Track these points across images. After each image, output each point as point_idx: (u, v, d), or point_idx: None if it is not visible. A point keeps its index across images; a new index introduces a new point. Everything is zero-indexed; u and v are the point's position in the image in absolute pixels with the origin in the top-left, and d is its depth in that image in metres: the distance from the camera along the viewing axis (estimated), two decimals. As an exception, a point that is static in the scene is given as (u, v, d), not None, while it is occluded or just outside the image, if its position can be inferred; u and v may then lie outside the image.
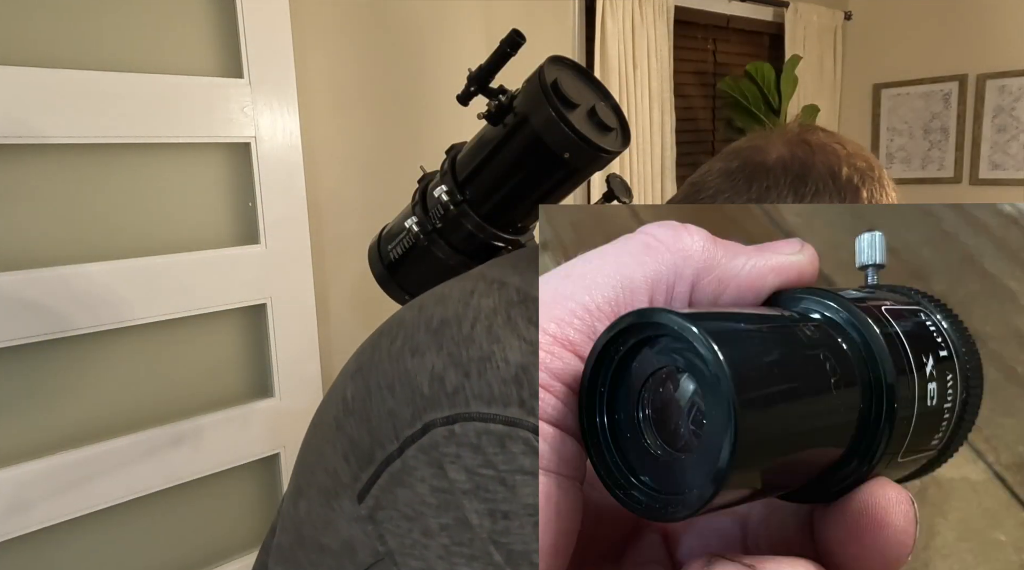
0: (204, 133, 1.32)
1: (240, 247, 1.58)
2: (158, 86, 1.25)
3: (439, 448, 0.51)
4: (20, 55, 1.13)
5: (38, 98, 1.11)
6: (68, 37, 1.18)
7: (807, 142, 0.61)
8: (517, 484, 0.49)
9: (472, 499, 0.50)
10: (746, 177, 0.62)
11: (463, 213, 1.07)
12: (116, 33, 1.23)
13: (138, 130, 1.23)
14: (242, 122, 1.47)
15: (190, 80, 1.30)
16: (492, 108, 1.01)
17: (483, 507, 0.49)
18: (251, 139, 1.51)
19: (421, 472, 0.51)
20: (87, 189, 1.22)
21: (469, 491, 0.50)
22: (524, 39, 1.00)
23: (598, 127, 0.99)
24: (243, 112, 1.47)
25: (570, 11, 2.20)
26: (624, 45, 2.26)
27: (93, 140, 1.19)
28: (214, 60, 1.37)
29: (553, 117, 0.96)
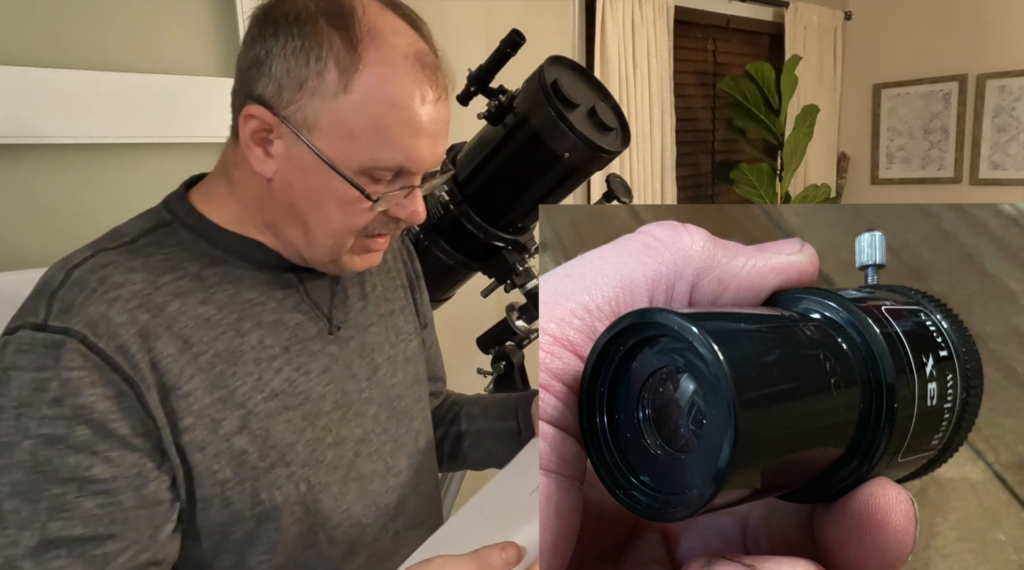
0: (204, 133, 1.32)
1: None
2: (158, 86, 1.25)
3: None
4: (20, 55, 1.13)
5: (38, 98, 1.11)
6: (68, 37, 1.18)
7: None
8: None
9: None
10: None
11: (463, 213, 1.07)
12: (116, 33, 1.24)
13: (138, 130, 1.23)
14: (242, 122, 1.46)
15: (190, 80, 1.30)
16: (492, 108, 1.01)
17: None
18: (251, 139, 1.50)
19: None
20: (87, 189, 1.22)
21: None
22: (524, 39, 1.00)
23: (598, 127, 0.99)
24: (243, 112, 1.46)
25: (570, 11, 2.21)
26: (624, 45, 2.26)
27: (93, 140, 1.19)
28: (214, 60, 1.37)
29: (553, 117, 0.96)
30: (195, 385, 0.61)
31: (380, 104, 0.61)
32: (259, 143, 0.64)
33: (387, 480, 0.74)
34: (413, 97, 0.62)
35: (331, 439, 0.69)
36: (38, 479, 0.56)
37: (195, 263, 0.65)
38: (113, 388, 0.57)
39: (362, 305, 0.77)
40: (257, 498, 0.64)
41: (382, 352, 0.77)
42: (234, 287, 0.66)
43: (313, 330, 0.70)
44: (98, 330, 0.57)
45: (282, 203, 0.66)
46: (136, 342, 0.59)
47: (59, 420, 0.56)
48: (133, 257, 0.63)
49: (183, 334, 0.62)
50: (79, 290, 0.59)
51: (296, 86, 0.61)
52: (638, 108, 2.34)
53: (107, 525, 0.57)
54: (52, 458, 0.56)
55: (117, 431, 0.58)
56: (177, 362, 0.60)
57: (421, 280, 0.89)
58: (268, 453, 0.64)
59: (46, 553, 0.55)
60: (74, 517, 0.56)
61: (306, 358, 0.69)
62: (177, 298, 0.62)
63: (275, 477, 0.64)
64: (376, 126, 0.61)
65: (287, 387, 0.66)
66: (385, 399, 0.76)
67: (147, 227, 0.66)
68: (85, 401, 0.56)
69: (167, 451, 0.60)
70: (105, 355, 0.57)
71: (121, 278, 0.61)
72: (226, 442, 0.62)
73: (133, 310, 0.60)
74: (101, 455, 0.57)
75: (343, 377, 0.71)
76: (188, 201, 0.68)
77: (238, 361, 0.64)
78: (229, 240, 0.67)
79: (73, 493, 0.56)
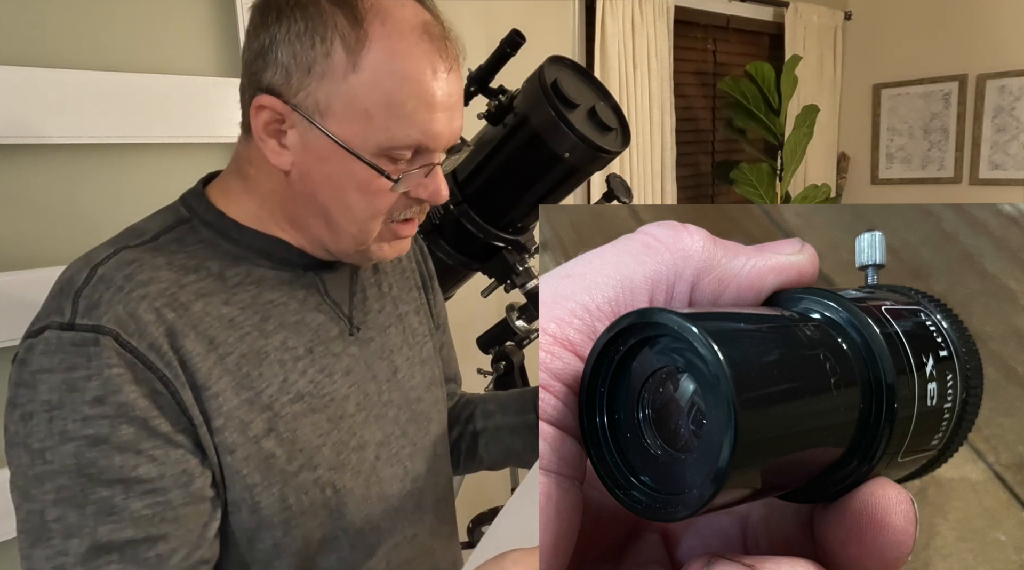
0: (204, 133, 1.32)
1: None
2: (158, 86, 1.25)
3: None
4: (20, 55, 1.13)
5: (38, 98, 1.11)
6: (68, 37, 1.18)
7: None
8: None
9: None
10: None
11: (463, 213, 1.07)
12: (116, 33, 1.24)
13: (138, 130, 1.23)
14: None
15: (190, 80, 1.30)
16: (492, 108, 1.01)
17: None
18: (251, 139, 1.50)
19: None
20: (87, 189, 1.22)
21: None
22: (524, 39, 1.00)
23: (598, 127, 0.99)
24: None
25: (570, 11, 2.21)
26: (624, 45, 2.26)
27: (93, 140, 1.19)
28: (214, 60, 1.37)
29: (553, 117, 0.96)
30: (223, 386, 0.60)
31: (391, 79, 0.59)
32: (272, 135, 0.62)
33: (405, 483, 0.73)
34: (424, 71, 0.60)
35: (355, 442, 0.68)
36: (84, 482, 0.54)
37: (216, 262, 0.64)
38: (148, 386, 0.56)
39: (380, 306, 0.76)
40: (285, 503, 0.63)
41: (401, 353, 0.76)
42: (256, 287, 0.65)
43: (335, 331, 0.69)
44: (128, 328, 0.56)
45: (302, 195, 0.64)
46: (165, 341, 0.57)
47: (102, 420, 0.54)
48: (157, 255, 0.61)
49: (208, 334, 0.60)
50: (105, 288, 0.57)
51: (304, 70, 0.59)
52: (638, 108, 2.34)
53: (157, 525, 0.56)
54: (97, 459, 0.54)
55: (159, 428, 0.56)
56: (205, 362, 0.59)
57: (435, 280, 0.88)
58: (296, 456, 0.63)
59: (97, 559, 0.54)
60: (123, 519, 0.55)
61: (329, 359, 0.68)
62: (201, 298, 0.61)
63: (302, 481, 0.63)
64: (390, 103, 0.59)
65: (312, 389, 0.65)
66: (404, 401, 0.75)
67: (168, 224, 0.65)
68: (126, 399, 0.55)
69: (206, 449, 0.59)
70: (139, 353, 0.56)
71: (147, 276, 0.59)
72: (255, 444, 0.61)
73: (160, 308, 0.58)
74: (146, 454, 0.56)
75: (365, 379, 0.71)
76: (207, 198, 0.67)
77: (263, 363, 0.63)
78: (250, 237, 0.66)
79: (121, 495, 0.55)
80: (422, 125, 0.61)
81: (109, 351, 0.55)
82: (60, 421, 0.54)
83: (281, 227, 0.66)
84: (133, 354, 0.55)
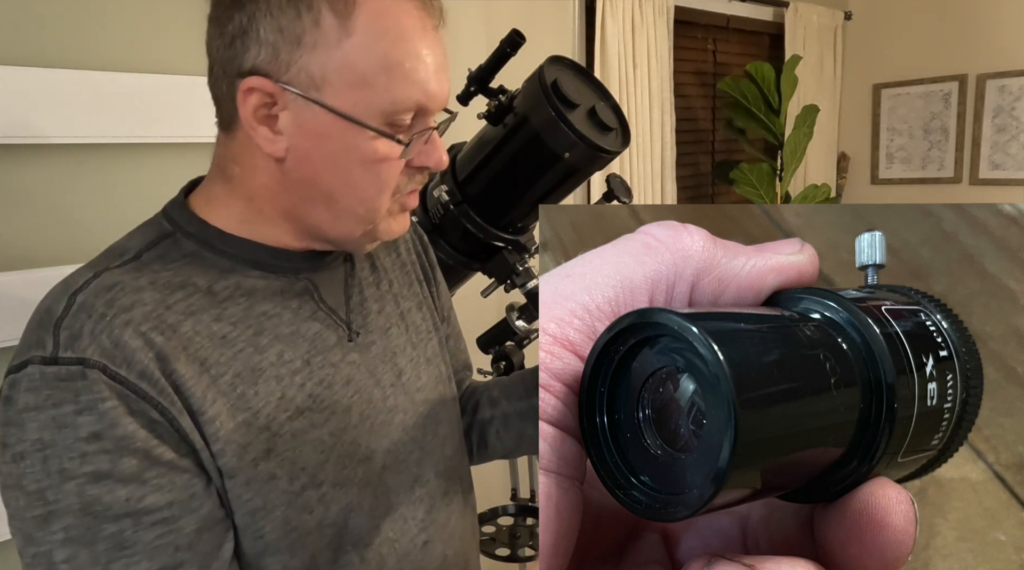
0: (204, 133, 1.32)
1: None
2: (158, 86, 1.25)
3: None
4: (20, 55, 1.13)
5: (38, 98, 1.11)
6: (67, 37, 1.18)
7: None
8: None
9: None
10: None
11: (463, 213, 1.07)
12: (115, 33, 1.24)
13: (138, 130, 1.23)
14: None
15: (189, 80, 1.30)
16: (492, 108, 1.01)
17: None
18: (251, 139, 1.50)
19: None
20: (87, 189, 1.22)
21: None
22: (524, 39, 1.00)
23: (598, 127, 0.99)
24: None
25: (570, 11, 2.21)
26: (624, 45, 2.26)
27: (92, 140, 1.19)
28: (214, 60, 1.38)
29: (553, 117, 0.96)
30: (218, 409, 0.58)
31: (385, 39, 0.57)
32: (263, 121, 0.59)
33: (414, 491, 0.71)
34: (415, 28, 0.58)
35: (360, 454, 0.66)
36: (89, 521, 0.52)
37: (204, 276, 0.61)
38: (144, 416, 0.54)
39: (379, 306, 0.73)
40: (289, 525, 0.61)
41: (404, 355, 0.74)
42: (247, 300, 0.62)
43: (332, 339, 0.67)
44: (115, 359, 0.53)
45: (299, 182, 0.61)
46: (156, 367, 0.55)
47: (102, 455, 0.52)
48: (139, 275, 0.58)
49: (199, 356, 0.58)
50: (86, 316, 0.55)
51: (293, 43, 0.56)
52: (638, 108, 2.34)
53: (171, 554, 0.54)
54: (101, 496, 0.52)
55: (163, 457, 0.54)
56: (198, 385, 0.57)
57: (437, 271, 0.86)
58: (298, 475, 0.61)
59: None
60: (136, 553, 0.53)
61: (328, 370, 0.65)
62: (190, 317, 0.58)
63: (306, 500, 0.61)
64: (387, 64, 0.57)
65: (311, 403, 0.63)
66: (411, 404, 0.73)
67: (149, 241, 0.62)
68: (125, 431, 0.53)
69: (210, 472, 0.57)
70: (129, 383, 0.53)
71: (129, 300, 0.56)
72: (254, 468, 0.59)
73: (147, 333, 0.55)
74: (151, 483, 0.54)
75: (368, 386, 0.68)
76: (188, 208, 0.64)
77: (259, 380, 0.60)
78: (236, 246, 0.63)
79: (130, 528, 0.53)
80: (422, 84, 0.59)
81: (99, 384, 0.52)
82: (56, 460, 0.52)
83: (273, 225, 0.63)
84: (124, 385, 0.53)
